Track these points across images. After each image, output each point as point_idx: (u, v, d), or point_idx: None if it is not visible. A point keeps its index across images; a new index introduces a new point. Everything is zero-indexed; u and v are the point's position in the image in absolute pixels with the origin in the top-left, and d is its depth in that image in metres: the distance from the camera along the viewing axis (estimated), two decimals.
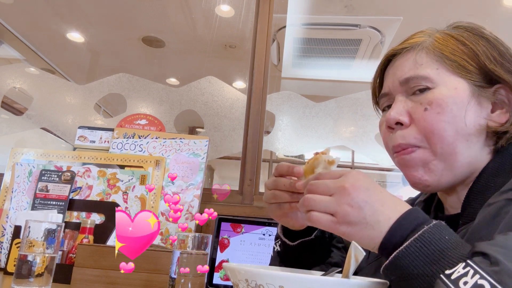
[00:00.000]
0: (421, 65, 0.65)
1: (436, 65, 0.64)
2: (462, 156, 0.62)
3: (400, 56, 0.69)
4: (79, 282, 0.94)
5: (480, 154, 0.63)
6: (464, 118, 0.61)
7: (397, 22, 2.42)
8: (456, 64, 0.63)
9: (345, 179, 0.53)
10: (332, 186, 0.53)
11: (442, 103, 0.62)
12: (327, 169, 0.61)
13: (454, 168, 0.62)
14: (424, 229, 0.48)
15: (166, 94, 1.80)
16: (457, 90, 0.62)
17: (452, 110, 0.61)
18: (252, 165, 1.58)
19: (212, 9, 2.44)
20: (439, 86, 0.63)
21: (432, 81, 0.63)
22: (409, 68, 0.66)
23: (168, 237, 1.27)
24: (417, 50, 0.66)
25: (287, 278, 0.47)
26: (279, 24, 2.50)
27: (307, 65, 3.02)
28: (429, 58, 0.65)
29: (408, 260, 0.47)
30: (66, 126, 1.78)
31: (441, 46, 0.65)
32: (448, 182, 0.64)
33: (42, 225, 0.82)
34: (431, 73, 0.64)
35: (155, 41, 2.84)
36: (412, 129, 0.64)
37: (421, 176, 0.64)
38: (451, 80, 0.63)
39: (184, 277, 0.75)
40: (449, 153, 0.61)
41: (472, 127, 0.61)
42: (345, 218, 0.51)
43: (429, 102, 0.62)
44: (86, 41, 2.89)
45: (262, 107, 1.64)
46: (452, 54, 0.64)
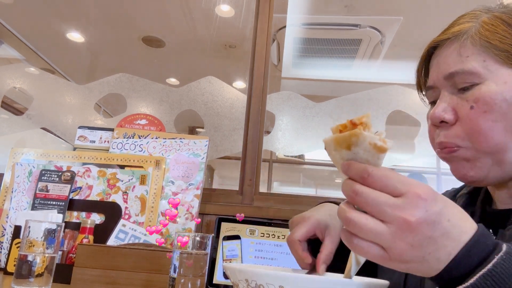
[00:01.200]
0: (466, 58, 0.59)
1: (482, 57, 0.58)
2: None
3: (444, 47, 0.63)
4: (79, 282, 0.94)
5: None
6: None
7: (397, 22, 2.42)
8: (506, 54, 0.57)
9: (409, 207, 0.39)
10: (390, 213, 0.39)
11: (489, 101, 0.56)
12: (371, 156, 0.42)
13: (503, 165, 0.58)
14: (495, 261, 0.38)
15: (166, 94, 1.80)
16: (506, 84, 0.57)
17: (501, 107, 0.56)
18: (252, 165, 1.58)
19: (212, 9, 2.44)
20: (487, 81, 0.57)
21: (479, 75, 0.58)
22: (453, 62, 0.60)
23: (168, 237, 1.27)
24: (461, 40, 0.60)
25: (287, 278, 0.47)
26: (279, 24, 2.51)
27: (307, 65, 3.02)
28: (475, 49, 0.59)
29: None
30: (66, 126, 1.79)
31: (488, 34, 0.59)
32: (497, 177, 0.60)
33: (42, 225, 0.82)
34: (478, 67, 0.58)
35: (155, 41, 2.84)
36: (457, 127, 0.60)
37: (467, 172, 0.60)
38: (501, 72, 0.57)
39: (184, 277, 0.75)
40: (497, 151, 0.57)
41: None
42: (400, 257, 0.40)
43: (476, 100, 0.57)
44: (86, 41, 2.89)
45: (262, 107, 1.64)
46: (501, 43, 0.58)
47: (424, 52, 0.67)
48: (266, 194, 1.58)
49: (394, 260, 0.41)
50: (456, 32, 0.61)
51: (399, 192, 0.40)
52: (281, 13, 2.41)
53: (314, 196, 1.62)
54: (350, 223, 0.41)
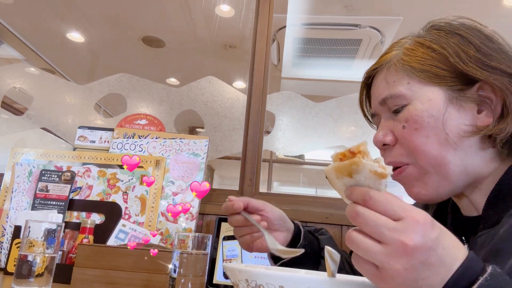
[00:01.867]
0: (393, 83, 0.64)
1: (406, 80, 0.63)
2: (454, 166, 0.60)
3: (375, 77, 0.69)
4: (79, 282, 0.94)
5: (476, 158, 0.61)
6: (444, 128, 0.60)
7: (397, 22, 2.42)
8: (426, 74, 0.62)
9: (406, 232, 0.41)
10: (388, 235, 0.41)
11: (417, 119, 0.61)
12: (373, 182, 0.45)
13: (449, 178, 0.61)
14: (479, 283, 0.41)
15: (166, 94, 1.80)
16: (431, 102, 0.61)
17: (429, 123, 0.60)
18: (252, 165, 1.58)
19: (212, 9, 2.44)
20: (413, 101, 0.62)
21: (406, 97, 0.63)
22: (383, 89, 0.66)
23: (168, 237, 1.27)
24: (386, 68, 0.66)
25: (287, 278, 0.47)
26: (279, 24, 2.50)
27: (307, 65, 3.02)
28: (399, 74, 0.64)
29: None
30: (66, 126, 1.78)
31: (408, 58, 0.64)
32: (448, 191, 0.63)
33: (42, 225, 0.82)
34: (403, 90, 0.63)
35: (155, 41, 2.84)
36: (398, 147, 0.64)
37: (419, 191, 0.63)
38: (425, 91, 0.62)
39: (184, 277, 0.75)
40: (438, 165, 0.60)
41: (456, 134, 0.59)
42: (393, 279, 0.41)
43: (406, 120, 0.62)
44: (86, 41, 2.89)
45: (262, 107, 1.64)
46: (420, 64, 0.62)
47: (361, 85, 0.74)
48: (266, 194, 1.58)
49: (386, 281, 0.42)
50: (382, 62, 0.68)
51: (398, 216, 0.42)
52: (281, 13, 2.40)
53: (314, 196, 1.62)
54: (348, 240, 0.44)
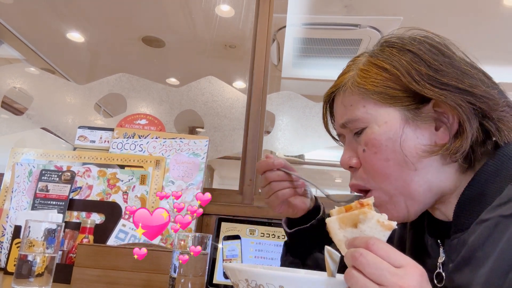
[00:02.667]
0: (350, 107, 0.64)
1: (362, 103, 0.62)
2: (417, 185, 0.60)
3: (334, 100, 0.69)
4: (79, 282, 0.94)
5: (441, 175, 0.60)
6: (402, 150, 0.59)
7: (397, 22, 2.42)
8: (381, 96, 0.61)
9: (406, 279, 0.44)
10: (389, 279, 0.43)
11: (375, 142, 0.60)
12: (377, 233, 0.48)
13: (415, 198, 0.61)
14: None
15: (166, 94, 1.80)
16: (387, 124, 0.60)
17: (387, 146, 0.60)
18: (252, 165, 1.58)
19: (212, 9, 2.44)
20: (370, 124, 0.61)
21: (363, 120, 0.62)
22: (341, 113, 0.66)
23: (168, 237, 1.27)
24: (341, 92, 0.66)
25: (287, 278, 0.47)
26: (279, 24, 2.50)
27: (307, 65, 3.02)
28: (354, 98, 0.63)
29: None
30: (66, 126, 1.79)
31: (362, 81, 0.62)
32: (418, 209, 0.63)
33: (42, 225, 0.82)
34: (359, 114, 0.62)
35: (155, 41, 2.84)
36: (362, 170, 0.64)
37: (392, 214, 0.62)
38: (381, 113, 0.61)
39: (184, 277, 0.75)
40: (401, 187, 0.60)
41: (415, 154, 0.59)
42: None
43: (366, 143, 0.62)
44: (86, 41, 2.89)
45: (262, 107, 1.64)
46: (375, 86, 0.61)
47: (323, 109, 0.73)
48: None
49: None
50: (338, 85, 0.67)
51: (399, 264, 0.45)
52: (281, 13, 2.40)
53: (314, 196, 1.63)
54: (348, 276, 0.46)
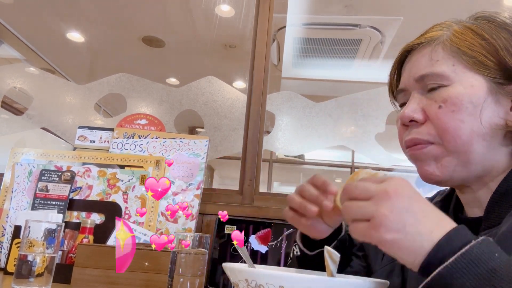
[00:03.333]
0: (436, 62, 0.62)
1: (452, 61, 0.62)
2: (477, 155, 0.60)
3: (417, 52, 0.67)
4: (79, 282, 0.94)
5: (497, 153, 0.61)
6: (480, 117, 0.59)
7: (397, 22, 2.42)
8: (474, 60, 0.61)
9: (387, 184, 0.48)
10: (373, 189, 0.49)
11: (457, 101, 0.60)
12: None
13: (468, 166, 0.61)
14: (472, 243, 0.43)
15: (166, 94, 1.80)
16: (473, 88, 0.60)
17: (467, 108, 0.59)
18: (252, 165, 1.58)
19: (212, 9, 2.44)
20: (454, 84, 0.61)
21: (448, 78, 0.61)
22: (424, 65, 0.64)
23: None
24: (433, 45, 0.64)
25: (287, 278, 0.47)
26: (279, 24, 2.51)
27: (307, 65, 3.02)
28: (445, 54, 0.62)
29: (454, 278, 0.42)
30: (66, 126, 1.78)
31: (458, 41, 0.62)
32: (461, 178, 0.62)
33: (42, 225, 0.82)
34: (447, 70, 0.61)
35: (155, 41, 2.84)
36: (427, 126, 0.63)
37: (433, 171, 0.62)
38: (468, 77, 0.61)
39: (183, 276, 0.75)
40: (463, 151, 0.60)
41: (488, 125, 0.59)
42: (382, 222, 0.46)
43: (444, 100, 0.60)
44: (86, 41, 2.89)
45: (262, 107, 1.64)
46: (470, 49, 0.61)
47: (397, 57, 0.71)
48: (266, 194, 1.58)
49: (378, 228, 0.46)
50: (429, 38, 0.65)
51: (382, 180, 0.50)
52: (281, 13, 2.41)
53: None
54: (344, 210, 0.51)
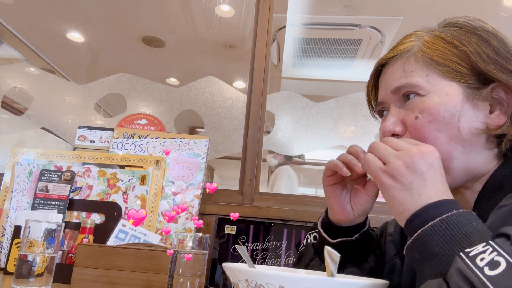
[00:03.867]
0: (411, 73, 0.64)
1: (426, 72, 0.63)
2: (458, 161, 0.61)
3: (390, 65, 0.68)
4: (79, 282, 0.94)
5: (479, 157, 0.62)
6: (458, 125, 0.60)
7: (397, 22, 2.42)
8: (447, 69, 0.61)
9: (418, 145, 0.55)
10: (403, 146, 0.55)
11: (433, 111, 0.61)
12: None
13: (450, 173, 0.61)
14: (453, 212, 0.49)
15: (166, 94, 1.80)
16: (448, 96, 0.61)
17: (444, 117, 0.60)
18: (252, 165, 1.58)
19: (212, 9, 2.44)
20: (430, 94, 0.62)
21: (423, 88, 0.62)
22: (399, 77, 0.65)
23: (168, 236, 1.27)
24: (405, 57, 0.65)
25: (287, 278, 0.47)
26: (279, 24, 2.51)
27: (307, 65, 3.02)
28: (418, 65, 0.63)
29: (431, 239, 0.48)
30: (66, 126, 1.79)
31: (430, 51, 0.63)
32: None
33: (42, 225, 0.82)
34: (421, 81, 0.62)
35: (155, 41, 2.84)
36: (406, 137, 0.64)
37: None
38: (443, 85, 0.61)
39: (182, 276, 0.75)
40: (443, 160, 0.60)
41: (467, 132, 0.60)
42: (393, 171, 0.53)
43: (420, 111, 0.62)
44: (86, 41, 2.89)
45: (262, 107, 1.64)
46: (442, 59, 0.62)
47: (372, 71, 0.73)
48: (266, 194, 1.58)
49: (387, 173, 0.54)
50: (401, 51, 0.67)
51: (416, 143, 0.57)
52: (281, 13, 2.40)
53: (314, 196, 1.62)
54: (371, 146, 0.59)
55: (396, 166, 0.53)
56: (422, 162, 0.53)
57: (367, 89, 0.76)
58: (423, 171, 0.52)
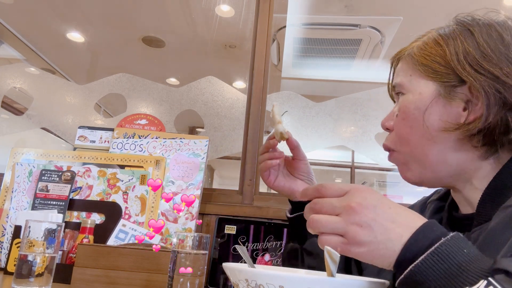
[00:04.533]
0: (400, 73, 0.69)
1: (410, 72, 0.67)
2: (432, 156, 0.64)
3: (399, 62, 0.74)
4: (79, 282, 0.94)
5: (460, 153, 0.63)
6: (424, 121, 0.63)
7: (397, 22, 2.42)
8: (426, 68, 0.65)
9: (351, 197, 0.50)
10: (338, 206, 0.51)
11: (405, 109, 0.66)
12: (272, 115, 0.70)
13: (429, 167, 0.65)
14: (441, 241, 0.45)
15: (166, 94, 1.80)
16: (421, 95, 0.65)
17: (414, 114, 0.64)
18: (252, 165, 1.58)
19: (212, 9, 2.44)
20: (407, 93, 0.67)
21: (404, 88, 0.67)
22: (395, 76, 0.71)
23: (168, 236, 1.27)
24: (402, 58, 0.71)
25: (287, 278, 0.47)
26: (279, 24, 2.50)
27: (307, 65, 3.02)
28: (407, 66, 0.68)
29: (424, 275, 0.44)
30: (66, 126, 1.79)
31: (418, 52, 0.67)
32: (432, 179, 0.66)
33: (42, 225, 0.82)
34: (404, 80, 0.67)
35: (155, 41, 2.84)
36: (393, 133, 0.70)
37: (405, 174, 0.69)
38: (420, 85, 0.65)
39: (183, 277, 0.75)
40: (417, 156, 0.65)
41: (436, 127, 0.63)
42: (355, 239, 0.49)
43: (399, 109, 0.67)
44: (86, 41, 2.89)
45: (262, 107, 1.64)
46: (425, 59, 0.65)
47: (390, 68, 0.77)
48: (266, 194, 1.58)
49: (352, 244, 0.49)
50: (402, 52, 0.72)
51: (344, 192, 0.52)
52: (281, 13, 2.40)
53: None
54: (312, 223, 0.52)
55: (354, 232, 0.49)
56: (367, 211, 0.49)
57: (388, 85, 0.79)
58: (374, 219, 0.49)
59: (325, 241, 0.51)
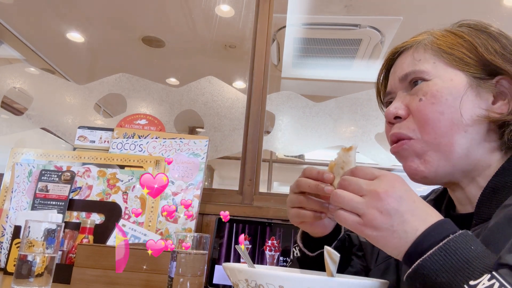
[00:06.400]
0: (419, 61, 0.65)
1: (433, 60, 0.65)
2: (459, 147, 0.61)
3: (401, 55, 0.70)
4: (79, 282, 0.94)
5: (480, 148, 0.62)
6: (460, 109, 0.61)
7: (397, 22, 2.42)
8: (453, 57, 0.63)
9: (379, 183, 0.51)
10: (365, 188, 0.52)
11: (436, 94, 0.62)
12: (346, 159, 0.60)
13: (450, 159, 0.62)
14: (449, 238, 0.47)
15: (166, 94, 1.80)
16: (452, 82, 0.62)
17: (447, 100, 0.61)
18: (252, 165, 1.58)
19: (212, 9, 2.44)
20: (434, 79, 0.63)
21: (428, 73, 0.64)
22: (407, 65, 0.67)
23: (168, 237, 1.27)
24: (415, 47, 0.68)
25: (287, 278, 0.47)
26: (279, 24, 2.50)
27: (307, 65, 3.02)
28: (427, 54, 0.65)
29: (431, 269, 0.46)
30: (66, 126, 1.78)
31: (439, 41, 0.65)
32: (446, 172, 0.63)
33: (42, 225, 0.82)
34: (428, 67, 0.64)
35: (155, 41, 2.83)
36: (408, 121, 0.65)
37: (417, 167, 0.64)
38: (448, 72, 0.63)
39: (182, 276, 0.75)
40: (444, 143, 0.61)
41: (469, 117, 0.61)
42: (371, 222, 0.50)
43: (424, 93, 0.63)
44: (86, 41, 2.89)
45: (262, 107, 1.64)
46: (449, 48, 0.64)
47: (384, 61, 0.74)
48: (266, 194, 1.58)
49: (368, 226, 0.51)
50: (412, 42, 0.69)
51: (375, 176, 0.53)
52: (281, 13, 2.40)
53: None
54: (335, 197, 0.54)
55: (372, 216, 0.50)
56: (391, 200, 0.50)
57: (377, 79, 0.77)
58: (396, 209, 0.50)
59: (342, 217, 0.53)
